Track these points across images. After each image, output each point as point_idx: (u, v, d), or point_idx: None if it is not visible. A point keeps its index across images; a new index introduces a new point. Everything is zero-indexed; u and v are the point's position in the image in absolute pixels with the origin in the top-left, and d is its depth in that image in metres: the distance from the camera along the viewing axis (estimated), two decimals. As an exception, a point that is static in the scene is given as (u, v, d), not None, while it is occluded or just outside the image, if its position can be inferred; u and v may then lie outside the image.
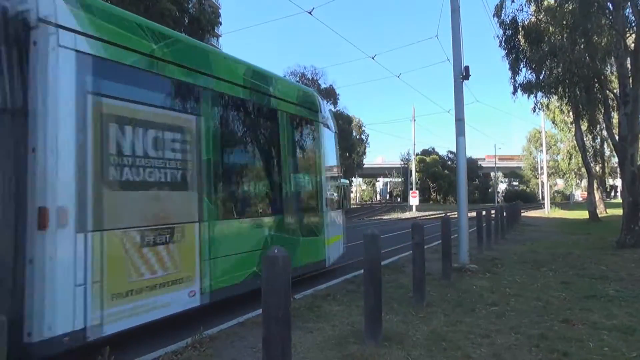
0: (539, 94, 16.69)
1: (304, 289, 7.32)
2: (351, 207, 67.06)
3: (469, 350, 4.51)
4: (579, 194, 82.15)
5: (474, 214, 13.24)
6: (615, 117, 15.80)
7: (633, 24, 13.28)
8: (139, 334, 4.88)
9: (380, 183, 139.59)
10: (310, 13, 14.58)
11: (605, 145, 33.26)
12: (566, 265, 9.69)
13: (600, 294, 6.78)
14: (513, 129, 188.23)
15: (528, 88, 16.03)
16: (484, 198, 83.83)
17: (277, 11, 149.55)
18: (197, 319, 5.51)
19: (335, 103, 60.78)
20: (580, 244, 14.25)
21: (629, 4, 13.21)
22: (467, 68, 9.90)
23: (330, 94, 59.92)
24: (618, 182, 73.10)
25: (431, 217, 35.90)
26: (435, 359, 4.31)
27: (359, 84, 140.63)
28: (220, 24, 33.67)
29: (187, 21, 20.38)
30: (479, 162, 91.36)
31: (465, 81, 10.00)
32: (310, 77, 58.30)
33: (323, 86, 59.35)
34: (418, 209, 46.63)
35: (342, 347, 4.62)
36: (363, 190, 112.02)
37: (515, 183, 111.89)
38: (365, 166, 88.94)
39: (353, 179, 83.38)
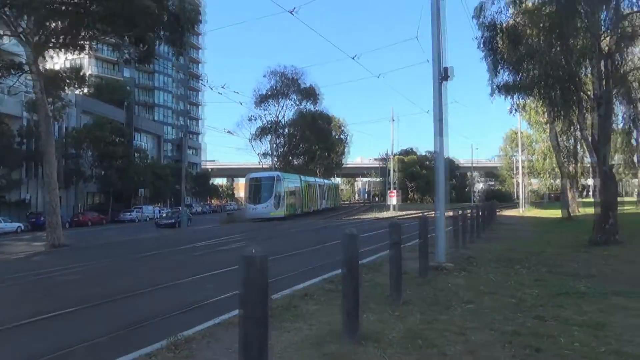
0: (516, 95, 17.03)
1: (282, 289, 7.31)
2: (340, 204, 68.18)
3: (445, 347, 4.57)
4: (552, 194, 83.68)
5: (451, 213, 13.42)
6: (589, 119, 16.21)
7: (608, 28, 13.63)
8: (116, 334, 4.81)
9: (359, 183, 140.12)
10: (291, 13, 14.59)
11: (579, 146, 34.04)
12: (539, 263, 9.90)
13: (571, 291, 6.94)
14: (490, 130, 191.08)
15: (506, 89, 16.33)
16: (461, 197, 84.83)
17: (260, 10, 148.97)
18: (173, 319, 5.47)
19: (315, 103, 60.85)
20: (554, 243, 14.56)
21: (604, 7, 13.56)
22: (446, 69, 10.03)
23: (311, 94, 59.91)
24: (591, 182, 74.95)
25: (409, 216, 36.19)
26: (411, 356, 4.36)
27: (340, 84, 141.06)
28: (201, 22, 33.32)
29: (166, 18, 20.12)
30: (457, 162, 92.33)
31: (445, 82, 10.13)
32: (291, 77, 58.24)
33: (303, 86, 59.32)
34: (396, 208, 46.95)
35: (320, 346, 4.63)
36: (342, 190, 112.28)
37: (491, 183, 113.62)
38: (344, 166, 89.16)
39: (332, 178, 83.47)
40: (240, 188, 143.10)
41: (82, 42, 22.15)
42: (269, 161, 58.23)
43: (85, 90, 48.69)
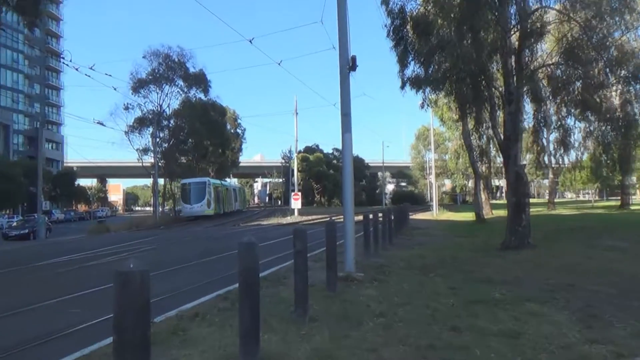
0: (427, 89, 17.88)
1: (167, 310, 7.05)
2: (246, 208, 70.16)
3: (356, 367, 4.67)
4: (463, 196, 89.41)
5: (361, 217, 13.81)
6: (501, 116, 17.48)
7: (518, 23, 14.80)
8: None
9: (258, 184, 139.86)
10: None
11: (492, 145, 36.52)
12: (454, 269, 10.52)
13: (486, 299, 7.45)
14: (402, 126, 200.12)
15: (416, 83, 17.07)
16: (371, 200, 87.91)
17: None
18: (27, 354, 5.04)
19: (205, 91, 59.56)
20: (467, 247, 15.58)
21: (513, 1, 14.71)
22: (354, 58, 10.30)
23: (200, 81, 58.55)
24: (503, 183, 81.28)
25: (315, 221, 36.73)
26: (319, 380, 4.40)
27: (235, 70, 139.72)
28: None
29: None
30: (367, 162, 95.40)
31: (353, 72, 10.39)
32: (177, 60, 56.49)
33: (192, 70, 57.85)
34: (301, 212, 47.52)
35: (213, 374, 4.52)
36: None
37: (403, 184, 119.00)
38: (241, 164, 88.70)
39: (227, 179, 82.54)
40: (114, 190, 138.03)
41: None
42: (150, 158, 56.10)
43: None
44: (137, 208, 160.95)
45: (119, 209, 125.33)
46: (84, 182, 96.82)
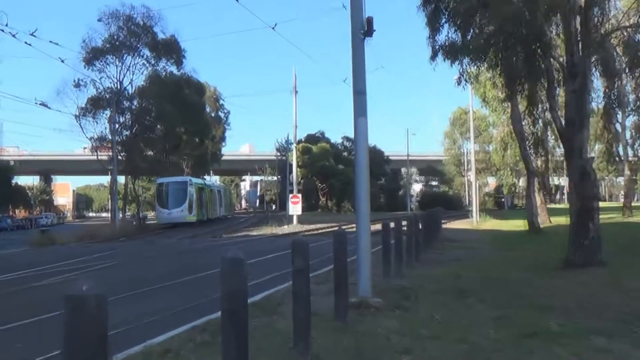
0: (465, 60, 17.82)
1: (129, 344, 7.10)
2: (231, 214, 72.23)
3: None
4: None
5: (379, 226, 13.81)
6: (561, 95, 17.39)
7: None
8: None
9: (246, 183, 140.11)
10: None
11: (549, 132, 36.20)
12: (499, 293, 10.52)
13: (541, 331, 7.45)
14: (432, 109, 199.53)
15: (451, 52, 17.02)
16: (393, 203, 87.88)
17: None
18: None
19: (178, 63, 59.66)
20: (518, 265, 15.57)
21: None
22: (370, 20, 10.26)
23: (172, 49, 58.66)
24: (564, 181, 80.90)
25: (320, 231, 36.75)
26: None
27: (217, 36, 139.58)
28: None
29: None
30: (387, 155, 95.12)
31: (368, 38, 10.39)
32: (142, 23, 56.60)
33: (161, 36, 57.94)
34: (301, 220, 47.61)
35: None
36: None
37: (434, 182, 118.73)
38: (224, 158, 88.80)
39: (207, 176, 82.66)
40: (62, 191, 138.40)
41: None
42: (108, 150, 56.19)
43: None
44: (91, 214, 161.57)
45: (67, 214, 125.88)
46: (23, 180, 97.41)
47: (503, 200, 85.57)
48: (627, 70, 18.47)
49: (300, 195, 49.59)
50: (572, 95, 14.67)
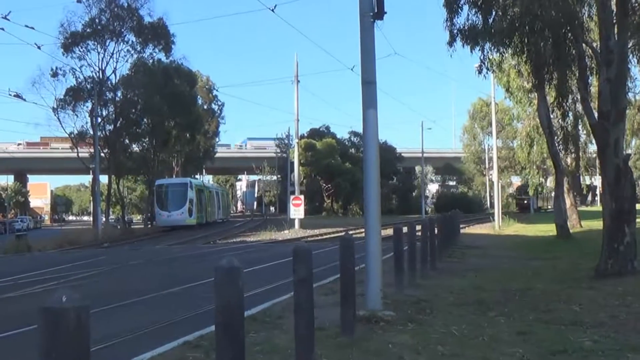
0: (487, 46, 17.78)
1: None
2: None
3: None
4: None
5: (390, 231, 13.79)
6: (594, 84, 17.32)
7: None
8: None
9: (242, 183, 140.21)
10: None
11: (581, 126, 35.96)
12: (524, 306, 10.49)
13: (571, 348, 7.42)
14: (449, 100, 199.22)
15: (472, 36, 16.97)
16: (406, 206, 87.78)
17: None
18: None
19: (167, 49, 59.70)
20: (544, 274, 15.52)
21: None
22: (380, 0, 10.23)
23: (160, 34, 58.73)
24: (597, 181, 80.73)
25: (325, 237, 36.83)
26: None
27: (209, 20, 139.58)
28: None
29: None
30: (399, 151, 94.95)
31: (379, 21, 10.37)
32: (126, 4, 56.69)
33: (148, 20, 58.01)
34: (304, 224, 47.61)
35: None
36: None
37: (451, 182, 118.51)
38: (218, 155, 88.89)
39: (198, 175, 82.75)
40: (38, 192, 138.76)
41: None
42: (89, 146, 56.22)
43: None
44: (71, 217, 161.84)
45: (45, 218, 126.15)
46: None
47: (526, 202, 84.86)
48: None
49: (302, 197, 49.55)
50: (606, 85, 14.57)
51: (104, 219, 55.87)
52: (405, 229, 13.81)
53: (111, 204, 66.12)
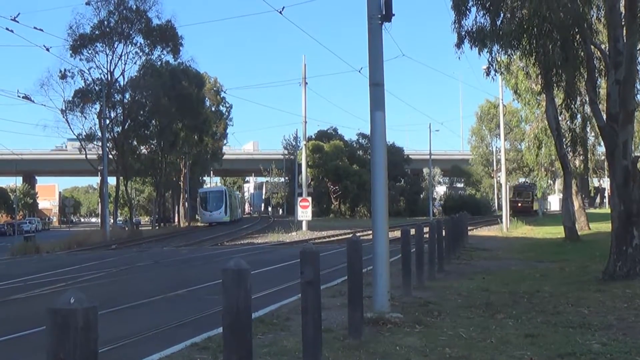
0: (495, 48, 17.76)
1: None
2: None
3: None
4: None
5: (398, 233, 13.78)
6: (603, 87, 17.25)
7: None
8: None
9: (250, 185, 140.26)
10: None
11: (589, 128, 35.81)
12: (532, 309, 10.47)
13: (580, 351, 7.40)
14: (457, 102, 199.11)
15: (480, 38, 16.95)
16: (413, 208, 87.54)
17: None
18: None
19: (175, 52, 59.80)
20: (553, 277, 15.49)
21: None
22: (388, 3, 10.23)
23: (168, 37, 58.81)
24: (606, 184, 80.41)
25: (332, 239, 36.79)
26: None
27: (217, 22, 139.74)
28: None
29: None
30: (407, 153, 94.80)
31: (387, 23, 10.36)
32: (135, 7, 56.82)
33: (156, 22, 58.13)
34: (312, 226, 47.61)
35: None
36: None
37: (459, 184, 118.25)
38: (226, 157, 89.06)
39: (207, 177, 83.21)
40: (46, 193, 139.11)
41: None
42: (97, 148, 56.29)
43: None
44: (80, 219, 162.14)
45: (53, 219, 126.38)
46: (4, 181, 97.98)
47: (521, 205, 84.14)
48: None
49: (310, 199, 49.57)
50: (615, 87, 14.54)
51: (112, 221, 55.98)
52: (413, 231, 13.80)
53: (119, 205, 66.24)
